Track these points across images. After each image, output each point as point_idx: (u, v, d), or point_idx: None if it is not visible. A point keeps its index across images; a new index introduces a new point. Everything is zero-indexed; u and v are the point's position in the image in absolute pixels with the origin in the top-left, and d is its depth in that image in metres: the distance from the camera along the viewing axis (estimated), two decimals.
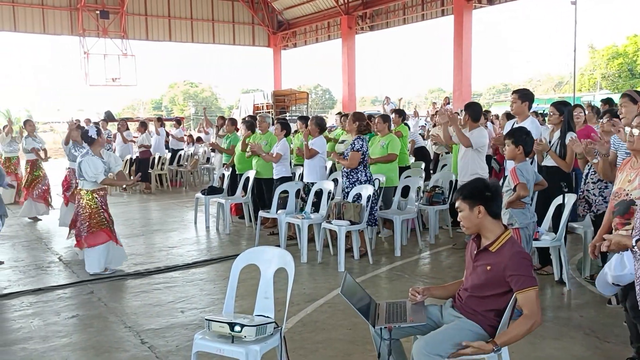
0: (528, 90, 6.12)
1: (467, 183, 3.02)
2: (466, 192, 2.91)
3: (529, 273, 2.77)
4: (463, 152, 6.55)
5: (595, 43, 45.33)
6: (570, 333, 4.22)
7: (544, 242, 5.18)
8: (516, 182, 4.41)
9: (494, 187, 2.94)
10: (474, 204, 2.86)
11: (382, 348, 2.83)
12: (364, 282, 5.53)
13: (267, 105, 26.15)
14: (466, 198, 2.89)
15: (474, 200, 2.87)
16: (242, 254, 3.51)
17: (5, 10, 23.51)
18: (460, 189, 2.98)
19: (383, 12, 24.86)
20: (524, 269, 2.77)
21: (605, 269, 3.08)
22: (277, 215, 7.11)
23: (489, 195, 2.87)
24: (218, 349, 3.05)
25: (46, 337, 4.36)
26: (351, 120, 6.70)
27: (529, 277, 2.75)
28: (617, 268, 2.95)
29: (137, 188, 13.28)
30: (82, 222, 6.02)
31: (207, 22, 28.34)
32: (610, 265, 3.01)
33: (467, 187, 2.95)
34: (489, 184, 2.94)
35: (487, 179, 3.02)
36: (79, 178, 6.06)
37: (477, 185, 2.94)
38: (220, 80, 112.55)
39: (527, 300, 2.74)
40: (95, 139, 6.01)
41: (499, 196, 2.95)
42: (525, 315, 2.74)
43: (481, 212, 2.86)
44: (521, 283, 2.74)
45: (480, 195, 2.87)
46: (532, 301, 2.74)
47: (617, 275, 2.95)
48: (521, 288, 2.74)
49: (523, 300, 2.74)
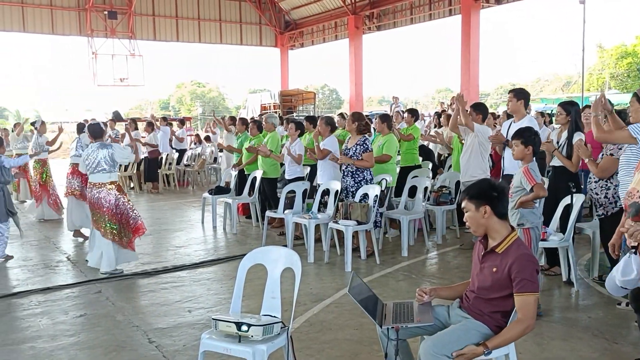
0: (523, 89, 6.14)
1: (473, 183, 3.01)
2: (472, 192, 2.90)
3: (532, 277, 2.75)
4: (464, 151, 6.55)
5: (603, 42, 45.14)
6: (578, 334, 4.19)
7: (552, 243, 5.15)
8: (533, 182, 4.39)
9: (500, 187, 2.92)
10: (480, 204, 2.85)
11: (389, 348, 2.83)
12: (371, 282, 5.52)
13: (274, 105, 26.20)
14: (472, 198, 2.88)
15: (479, 200, 2.85)
16: (249, 253, 3.51)
17: (14, 11, 23.68)
18: (467, 189, 2.96)
19: (390, 12, 24.82)
20: (528, 272, 2.75)
21: (614, 272, 3.05)
22: (284, 215, 7.11)
23: (495, 195, 2.86)
24: (225, 349, 3.05)
25: (54, 335, 4.38)
26: (350, 121, 6.70)
27: (530, 281, 2.74)
28: (625, 272, 2.93)
29: (145, 188, 13.34)
30: (130, 210, 6.15)
31: (214, 22, 28.40)
32: (618, 268, 2.99)
33: (473, 187, 2.93)
34: (496, 184, 2.92)
35: (493, 179, 3.01)
36: (108, 170, 6.08)
37: (483, 185, 2.92)
38: (228, 80, 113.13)
39: (524, 304, 2.73)
40: (104, 131, 6.45)
41: (505, 196, 2.94)
42: (519, 319, 2.74)
43: (487, 213, 2.85)
44: (522, 286, 2.73)
45: (486, 195, 2.86)
46: (528, 306, 2.73)
47: (624, 280, 2.93)
48: (521, 291, 2.73)
49: (520, 303, 2.74)
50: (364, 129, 6.69)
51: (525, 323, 2.73)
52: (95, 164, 6.07)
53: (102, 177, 6.06)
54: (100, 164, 6.06)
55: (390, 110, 17.69)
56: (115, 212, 6.05)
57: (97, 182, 6.08)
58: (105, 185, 6.07)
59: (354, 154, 6.53)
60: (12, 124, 20.89)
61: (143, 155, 13.57)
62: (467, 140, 6.53)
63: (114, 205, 6.04)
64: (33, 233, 8.46)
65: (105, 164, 6.06)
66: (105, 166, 6.06)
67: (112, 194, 6.06)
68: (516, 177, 4.62)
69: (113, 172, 6.14)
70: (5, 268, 6.44)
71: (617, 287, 3.03)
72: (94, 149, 6.13)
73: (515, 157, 4.68)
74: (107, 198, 6.03)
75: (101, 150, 6.09)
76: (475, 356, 2.71)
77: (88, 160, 6.11)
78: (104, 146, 6.14)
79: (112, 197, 6.05)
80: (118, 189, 6.14)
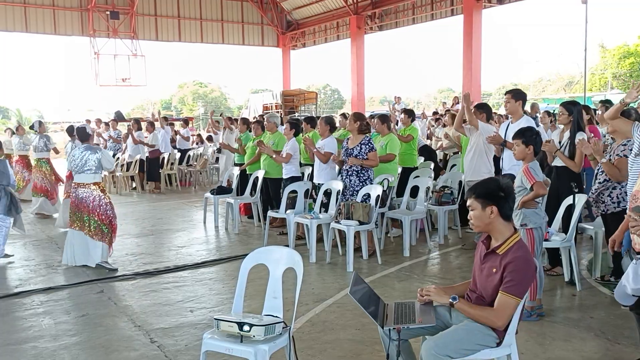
0: (521, 90, 6.18)
1: (481, 182, 2.99)
2: (480, 191, 2.88)
3: (522, 282, 2.75)
4: (468, 150, 6.56)
5: (606, 42, 44.99)
6: (580, 334, 4.19)
7: (554, 243, 5.15)
8: (532, 181, 4.38)
9: (508, 188, 2.91)
10: (487, 204, 2.84)
11: (391, 349, 2.83)
12: (373, 282, 5.52)
13: (276, 105, 26.21)
14: (480, 197, 2.86)
15: (487, 200, 2.84)
16: (251, 253, 3.51)
17: (17, 11, 23.69)
18: (475, 188, 2.93)
19: (392, 12, 24.79)
20: (520, 275, 2.75)
21: (623, 281, 3.05)
22: (285, 215, 7.12)
23: (502, 196, 2.85)
24: (227, 349, 3.05)
25: (56, 335, 4.39)
26: (352, 120, 6.71)
27: (519, 285, 2.74)
28: (635, 280, 2.93)
29: (147, 188, 13.36)
30: (110, 210, 6.35)
31: (216, 23, 28.39)
32: (628, 277, 2.99)
33: (482, 186, 2.91)
34: (504, 185, 2.91)
35: (502, 180, 2.99)
36: (94, 172, 6.31)
37: (492, 185, 2.91)
38: (230, 80, 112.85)
39: (503, 305, 2.75)
40: (90, 135, 6.62)
41: (512, 198, 2.93)
42: (494, 312, 2.77)
43: (493, 213, 2.84)
44: (509, 286, 2.74)
45: (494, 195, 2.85)
46: (506, 308, 2.75)
47: (637, 288, 2.93)
48: (505, 291, 2.75)
49: (500, 301, 2.76)
50: (365, 129, 6.71)
51: (496, 322, 2.77)
52: (81, 165, 6.30)
53: (87, 177, 6.31)
54: (88, 165, 6.29)
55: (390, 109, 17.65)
56: (99, 211, 6.28)
57: (81, 182, 6.32)
58: (89, 185, 6.30)
59: (359, 154, 6.53)
60: (14, 123, 20.92)
61: (145, 156, 13.60)
62: (472, 140, 6.55)
63: (97, 205, 6.27)
64: (35, 233, 8.47)
65: (92, 165, 6.30)
66: (93, 168, 6.30)
67: (95, 194, 6.30)
68: (517, 177, 4.62)
69: (98, 174, 6.38)
70: (7, 268, 6.46)
71: (627, 296, 3.02)
72: (82, 150, 6.36)
73: (516, 157, 4.68)
74: (90, 198, 6.27)
75: (90, 153, 6.32)
76: (440, 302, 2.93)
77: (75, 162, 6.35)
78: (93, 150, 6.36)
79: (95, 197, 6.29)
80: (102, 190, 6.39)
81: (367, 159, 6.50)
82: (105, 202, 6.32)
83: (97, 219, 6.26)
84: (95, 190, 6.31)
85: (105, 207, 6.31)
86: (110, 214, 6.35)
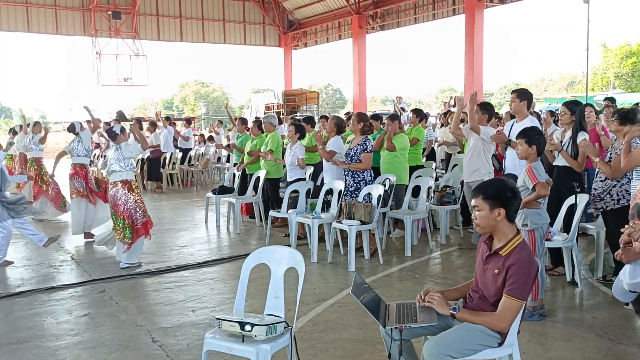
0: (526, 90, 6.13)
1: (489, 182, 2.97)
2: (489, 193, 2.84)
3: (525, 284, 2.74)
4: (467, 151, 6.55)
5: (608, 42, 44.89)
6: (582, 334, 4.18)
7: (556, 243, 5.14)
8: (535, 181, 4.37)
9: (515, 190, 2.90)
10: (495, 206, 2.82)
11: (393, 348, 2.82)
12: (375, 282, 5.52)
13: (278, 105, 26.21)
14: (488, 198, 2.83)
15: (495, 201, 2.82)
16: (253, 253, 3.51)
17: (19, 11, 23.75)
18: (482, 188, 2.89)
19: (394, 12, 24.80)
20: (523, 278, 2.74)
21: (620, 277, 3.04)
22: (287, 214, 7.12)
23: (510, 197, 2.84)
24: (228, 348, 3.05)
25: (58, 335, 4.40)
26: (355, 121, 6.71)
27: (522, 287, 2.73)
28: (632, 275, 2.92)
29: (149, 187, 13.36)
30: (137, 209, 6.29)
31: (218, 22, 28.42)
32: (625, 272, 2.98)
33: (490, 187, 2.88)
34: (513, 188, 2.89)
35: (510, 181, 2.96)
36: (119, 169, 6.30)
37: (500, 187, 2.87)
38: (231, 80, 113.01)
39: (507, 307, 2.74)
40: (118, 134, 6.49)
41: (518, 200, 2.91)
42: (497, 316, 2.76)
43: (500, 215, 2.83)
44: (512, 289, 2.73)
45: (503, 198, 2.83)
46: (510, 311, 2.74)
47: (632, 283, 2.92)
48: (509, 294, 2.74)
49: (504, 304, 2.75)
50: (368, 129, 6.71)
51: (499, 325, 2.76)
52: (108, 165, 6.42)
53: (114, 176, 6.34)
54: (110, 164, 6.37)
55: (394, 109, 17.67)
56: (122, 210, 6.24)
57: (112, 182, 6.38)
58: (117, 183, 6.32)
59: (354, 154, 6.53)
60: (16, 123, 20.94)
61: (145, 155, 13.61)
62: (470, 141, 6.53)
63: (121, 203, 6.25)
64: None
65: (114, 162, 6.33)
66: (114, 164, 6.32)
67: (120, 192, 6.27)
68: (520, 176, 4.61)
69: (124, 172, 6.33)
70: (9, 267, 6.46)
71: (625, 292, 3.01)
72: (113, 150, 6.45)
73: (519, 156, 4.67)
74: (115, 196, 6.29)
75: (113, 152, 6.41)
76: (442, 311, 2.87)
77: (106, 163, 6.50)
78: (116, 149, 6.39)
79: (119, 195, 6.27)
80: (128, 188, 6.31)
81: (358, 162, 6.50)
82: (131, 200, 6.25)
83: (121, 217, 6.24)
84: (121, 189, 6.26)
85: (128, 205, 6.23)
86: (133, 213, 6.24)
